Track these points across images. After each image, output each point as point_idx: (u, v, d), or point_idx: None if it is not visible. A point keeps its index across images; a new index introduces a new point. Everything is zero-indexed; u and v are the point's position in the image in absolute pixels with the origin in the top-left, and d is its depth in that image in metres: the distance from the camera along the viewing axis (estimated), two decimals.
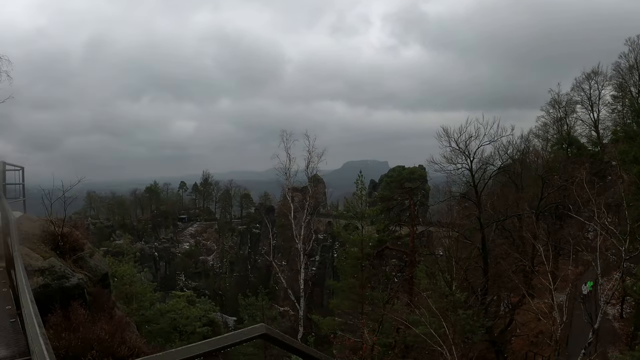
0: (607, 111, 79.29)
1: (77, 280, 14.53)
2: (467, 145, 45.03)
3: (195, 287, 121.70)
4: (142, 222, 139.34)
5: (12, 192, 22.15)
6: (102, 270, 18.19)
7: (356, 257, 43.45)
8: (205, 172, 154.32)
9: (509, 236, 50.89)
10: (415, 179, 49.79)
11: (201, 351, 3.62)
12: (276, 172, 48.56)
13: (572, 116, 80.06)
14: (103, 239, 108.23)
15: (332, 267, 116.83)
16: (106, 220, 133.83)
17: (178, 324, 32.82)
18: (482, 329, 36.36)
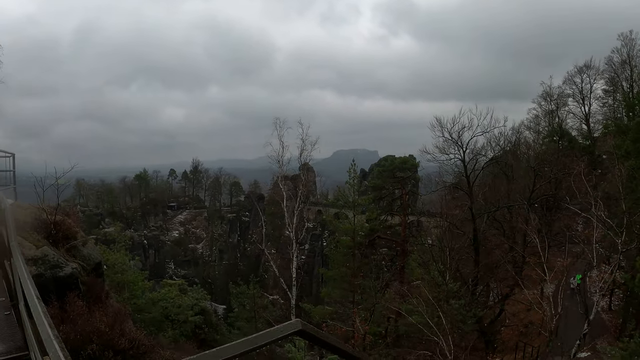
0: (598, 105, 79.85)
1: (70, 270, 14.19)
2: (460, 136, 45.01)
3: (185, 275, 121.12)
4: (132, 210, 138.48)
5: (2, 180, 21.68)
6: (95, 259, 17.85)
7: (348, 245, 43.30)
8: (195, 160, 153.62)
9: (500, 227, 50.93)
10: (407, 169, 49.59)
11: (240, 351, 3.37)
12: (269, 160, 47.96)
13: (564, 109, 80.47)
14: (92, 227, 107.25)
15: (322, 255, 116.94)
16: (95, 208, 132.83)
17: (170, 313, 32.48)
18: (473, 318, 36.36)
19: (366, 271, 44.67)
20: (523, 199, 48.19)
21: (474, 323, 36.58)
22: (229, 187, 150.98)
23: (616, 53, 74.57)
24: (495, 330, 44.47)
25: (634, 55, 73.28)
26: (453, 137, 45.05)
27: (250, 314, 43.41)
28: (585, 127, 79.28)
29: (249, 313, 43.67)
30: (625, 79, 75.46)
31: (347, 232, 44.02)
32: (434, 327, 27.10)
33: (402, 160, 55.81)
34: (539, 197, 48.04)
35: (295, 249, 46.01)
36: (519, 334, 45.07)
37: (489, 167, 51.95)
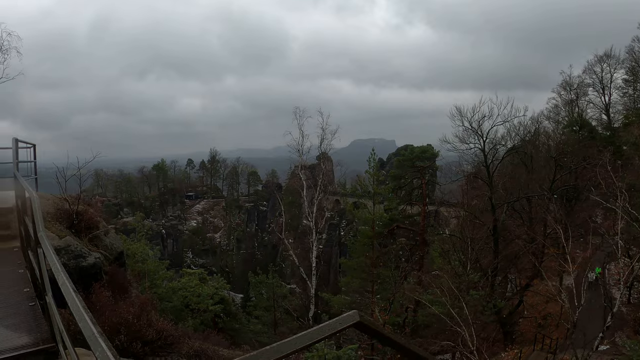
0: (619, 95, 78.43)
1: (94, 260, 14.12)
2: (480, 125, 44.53)
3: (203, 264, 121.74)
4: (150, 200, 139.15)
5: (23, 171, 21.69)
6: (117, 249, 17.80)
7: (367, 235, 43.06)
8: (213, 150, 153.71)
9: (519, 217, 50.42)
10: (426, 158, 49.16)
11: (300, 345, 3.18)
12: (289, 149, 47.80)
13: (584, 99, 79.27)
14: (111, 217, 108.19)
15: (340, 244, 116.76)
16: (114, 198, 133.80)
17: (190, 302, 32.50)
18: (493, 309, 36.08)
19: (385, 261, 44.45)
20: (543, 190, 47.62)
21: (492, 314, 36.33)
22: (246, 177, 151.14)
23: (637, 42, 73.36)
24: (514, 321, 44.11)
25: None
26: (473, 127, 44.62)
27: (269, 303, 43.44)
28: (605, 118, 78.19)
29: (268, 302, 43.70)
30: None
31: (366, 221, 43.78)
32: (456, 317, 26.80)
33: (421, 150, 55.24)
34: (560, 187, 47.36)
35: (315, 238, 45.88)
36: (537, 325, 44.74)
37: (509, 156, 51.33)
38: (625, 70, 76.40)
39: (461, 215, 52.38)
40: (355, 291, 46.01)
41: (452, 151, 46.35)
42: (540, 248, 46.15)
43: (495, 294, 40.27)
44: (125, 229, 71.29)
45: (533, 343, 38.22)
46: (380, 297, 40.91)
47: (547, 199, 46.33)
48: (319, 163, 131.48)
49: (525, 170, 55.73)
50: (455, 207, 50.34)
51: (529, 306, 46.24)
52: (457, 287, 32.12)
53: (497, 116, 43.96)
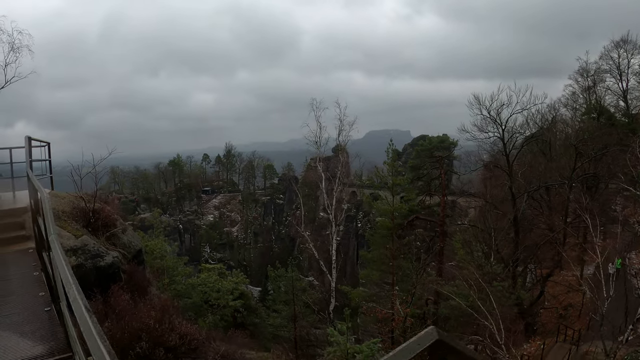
0: (636, 81, 76.98)
1: (111, 259, 13.70)
2: (499, 114, 43.84)
3: (220, 258, 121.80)
4: (166, 196, 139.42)
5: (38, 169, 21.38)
6: (136, 247, 17.38)
7: (387, 227, 42.44)
8: (228, 144, 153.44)
9: (539, 207, 49.64)
10: (444, 148, 48.45)
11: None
12: (306, 141, 47.22)
13: (601, 85, 77.82)
14: (128, 213, 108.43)
15: (357, 236, 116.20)
16: (130, 195, 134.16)
17: (209, 298, 32.14)
18: (516, 300, 35.50)
19: (405, 252, 43.90)
20: (563, 178, 46.82)
21: (514, 305, 35.73)
22: (262, 170, 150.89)
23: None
24: (535, 312, 43.45)
25: None
26: (492, 115, 43.97)
27: (289, 296, 42.94)
28: (623, 104, 76.76)
29: (287, 296, 43.21)
30: None
31: (385, 213, 43.14)
32: (483, 310, 26.25)
33: (439, 140, 54.48)
34: (581, 175, 46.46)
35: (335, 231, 45.31)
36: (559, 316, 44.03)
37: (528, 145, 50.52)
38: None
39: (480, 205, 51.72)
40: (375, 283, 45.52)
41: (471, 140, 45.83)
42: (561, 238, 45.43)
43: (517, 285, 39.63)
44: (143, 225, 71.24)
45: (555, 334, 37.59)
46: (399, 289, 40.35)
47: (567, 187, 45.50)
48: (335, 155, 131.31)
49: (544, 158, 54.85)
50: (474, 197, 49.62)
51: (549, 296, 45.56)
52: (480, 279, 31.52)
53: (516, 104, 43.32)
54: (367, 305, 37.49)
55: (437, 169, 47.73)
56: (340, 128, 46.04)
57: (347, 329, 26.51)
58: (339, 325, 29.38)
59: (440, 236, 44.90)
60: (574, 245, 49.10)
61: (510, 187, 44.02)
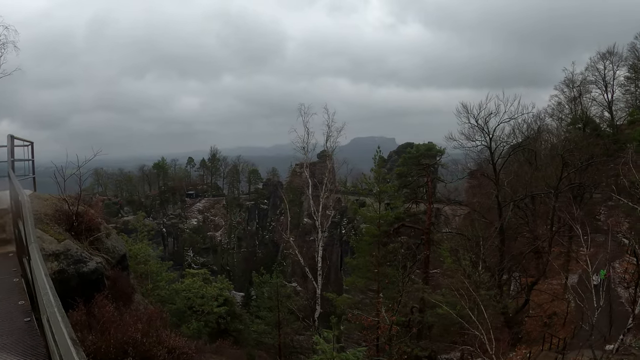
0: (620, 92, 78.17)
1: (95, 265, 13.11)
2: (487, 122, 43.74)
3: (204, 262, 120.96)
4: (150, 199, 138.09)
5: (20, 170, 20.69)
6: (120, 252, 16.78)
7: (373, 234, 42.01)
8: (213, 148, 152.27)
9: (524, 215, 49.67)
10: (431, 156, 48.17)
11: None
12: (293, 146, 46.68)
13: (587, 96, 78.72)
14: (111, 216, 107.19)
15: (341, 243, 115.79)
16: (114, 197, 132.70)
17: (193, 304, 31.49)
18: (503, 309, 35.31)
19: (391, 260, 43.54)
20: (549, 187, 46.85)
21: (500, 314, 35.55)
22: (247, 175, 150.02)
23: (639, 39, 73.25)
24: (520, 320, 43.33)
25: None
26: (479, 124, 43.86)
27: (273, 303, 42.38)
28: (608, 115, 77.66)
29: (272, 302, 42.64)
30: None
31: (371, 220, 42.71)
32: (474, 319, 25.96)
33: (427, 147, 54.18)
34: (567, 185, 46.52)
35: (321, 237, 44.76)
36: (543, 324, 43.99)
37: (514, 154, 50.54)
38: (627, 68, 76.21)
39: (466, 213, 51.61)
40: (360, 290, 45.11)
41: (458, 148, 45.67)
42: (547, 246, 45.43)
43: (502, 294, 39.48)
44: (126, 228, 70.23)
45: (540, 343, 37.49)
46: (384, 296, 39.97)
47: (553, 196, 45.51)
48: (321, 161, 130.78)
49: (530, 167, 54.93)
50: (461, 205, 49.48)
51: (534, 305, 45.54)
52: (466, 287, 31.29)
53: (504, 113, 43.24)
54: (353, 313, 37.05)
55: (424, 177, 47.49)
56: (328, 134, 45.59)
57: (334, 337, 26.08)
58: (325, 333, 28.94)
59: (425, 244, 44.63)
60: (559, 254, 49.20)
61: (497, 196, 43.93)
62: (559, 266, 51.78)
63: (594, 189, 51.04)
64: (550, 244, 45.58)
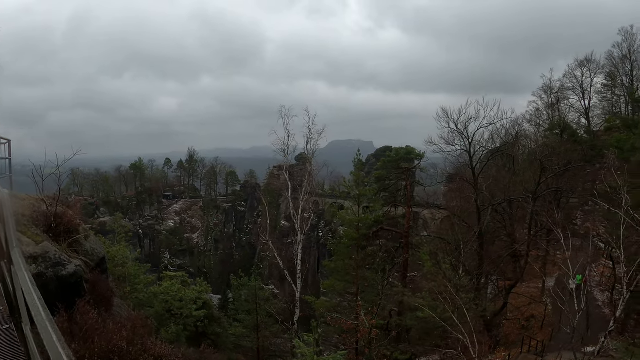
0: (597, 99, 79.58)
1: (74, 268, 12.66)
2: (466, 127, 43.86)
3: (180, 265, 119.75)
4: (127, 200, 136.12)
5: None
6: (99, 254, 16.31)
7: (352, 237, 41.79)
8: (191, 149, 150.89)
9: (501, 219, 49.93)
10: (410, 160, 48.10)
11: None
12: (273, 148, 46.21)
13: (564, 102, 79.89)
14: (87, 217, 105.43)
15: (318, 245, 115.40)
16: (90, 197, 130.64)
17: (172, 307, 30.91)
18: (482, 312, 35.34)
19: (370, 263, 43.40)
20: (528, 192, 47.13)
21: (479, 317, 35.58)
22: (224, 177, 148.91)
23: (617, 48, 74.76)
24: (498, 323, 43.50)
25: (634, 50, 73.10)
26: (459, 128, 43.94)
27: (252, 306, 41.93)
28: (584, 121, 78.82)
29: (250, 305, 42.18)
30: (625, 74, 75.28)
31: (350, 223, 42.48)
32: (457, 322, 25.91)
33: (406, 151, 54.18)
34: (545, 190, 46.82)
35: (300, 240, 44.35)
36: (521, 327, 44.22)
37: (494, 159, 50.76)
38: (604, 75, 77.41)
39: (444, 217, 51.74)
40: (338, 294, 44.86)
41: (438, 152, 45.74)
42: (525, 250, 45.70)
43: (481, 297, 39.55)
44: (103, 230, 69.23)
45: (519, 345, 37.68)
46: (363, 299, 39.77)
47: (532, 201, 45.76)
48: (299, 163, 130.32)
49: (508, 172, 55.29)
50: (440, 209, 49.54)
51: (512, 308, 45.71)
52: (447, 291, 31.26)
53: (484, 118, 43.42)
54: (332, 316, 36.77)
55: (403, 180, 47.43)
56: (308, 137, 45.17)
57: (314, 341, 25.85)
58: (305, 336, 28.67)
59: (404, 247, 44.56)
60: (536, 257, 49.56)
61: (476, 200, 44.01)
62: (536, 270, 52.25)
63: (571, 193, 51.51)
64: (529, 247, 45.85)
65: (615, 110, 78.14)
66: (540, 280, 51.21)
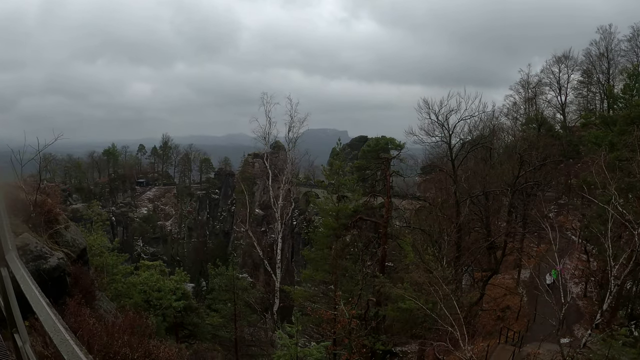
0: (573, 95, 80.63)
1: (56, 261, 11.71)
2: (447, 119, 43.65)
3: (153, 252, 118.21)
4: (100, 186, 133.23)
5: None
6: (80, 245, 15.30)
7: (331, 227, 41.14)
8: (165, 136, 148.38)
9: (477, 211, 49.98)
10: (392, 149, 47.58)
11: None
12: (254, 135, 45.21)
13: (541, 97, 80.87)
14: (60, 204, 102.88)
15: (292, 234, 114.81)
16: (62, 184, 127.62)
17: (151, 298, 29.91)
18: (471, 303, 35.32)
19: (349, 253, 42.93)
20: (506, 185, 47.20)
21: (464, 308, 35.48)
22: (198, 164, 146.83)
23: (594, 46, 75.65)
24: (474, 314, 43.54)
25: (612, 49, 73.82)
26: (440, 120, 43.71)
27: (229, 295, 41.06)
28: (560, 116, 79.83)
29: (228, 295, 41.29)
30: (602, 72, 76.17)
31: (329, 212, 41.82)
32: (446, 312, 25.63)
33: (386, 141, 53.60)
34: (523, 183, 46.91)
35: (281, 230, 43.50)
36: (497, 318, 44.33)
37: (473, 151, 50.71)
38: (581, 72, 78.40)
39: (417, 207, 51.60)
40: (314, 283, 44.35)
41: (418, 143, 45.50)
42: (502, 242, 45.84)
43: (458, 288, 39.41)
44: (75, 217, 67.39)
45: (496, 336, 37.71)
46: (340, 288, 39.29)
47: (510, 193, 45.82)
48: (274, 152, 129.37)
49: (485, 165, 55.42)
50: (419, 200, 49.26)
51: (488, 299, 45.84)
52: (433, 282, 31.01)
53: (465, 110, 43.29)
54: (312, 307, 36.21)
55: (383, 170, 46.94)
56: (290, 124, 44.27)
57: (297, 332, 25.25)
58: (288, 327, 28.03)
59: (382, 237, 44.10)
60: (511, 249, 49.79)
61: (455, 192, 43.86)
62: (511, 261, 52.50)
63: (548, 187, 51.85)
64: (506, 239, 45.96)
65: (590, 107, 79.43)
66: (515, 272, 51.60)
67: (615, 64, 75.03)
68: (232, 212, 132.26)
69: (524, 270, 50.14)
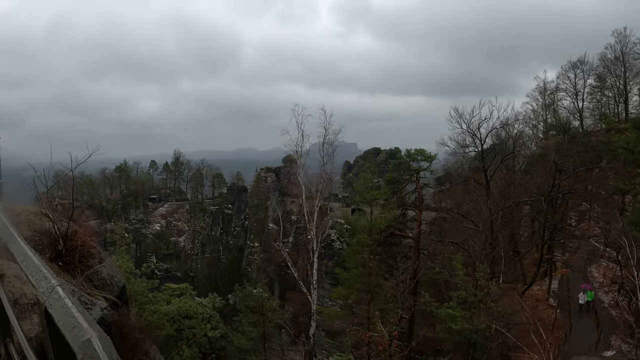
0: (589, 100, 78.81)
1: (100, 312, 8.80)
2: (479, 128, 41.47)
3: (167, 269, 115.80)
4: (112, 203, 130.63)
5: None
6: (119, 283, 12.25)
7: (365, 244, 38.30)
8: (177, 151, 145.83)
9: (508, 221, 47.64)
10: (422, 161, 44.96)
11: None
12: (285, 149, 42.38)
13: (558, 104, 79.42)
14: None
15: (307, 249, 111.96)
16: (75, 201, 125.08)
17: (182, 326, 26.86)
18: None
19: (384, 271, 40.19)
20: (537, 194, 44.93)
21: None
22: (210, 179, 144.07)
23: (609, 49, 73.97)
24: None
25: (627, 52, 71.88)
26: (471, 129, 41.54)
27: (257, 317, 38.00)
28: (575, 122, 77.97)
29: (256, 317, 38.22)
30: (616, 76, 74.15)
31: (363, 229, 39.02)
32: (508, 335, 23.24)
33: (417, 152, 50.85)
34: (561, 191, 44.37)
35: (317, 249, 40.28)
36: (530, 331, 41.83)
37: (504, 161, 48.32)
38: (594, 77, 76.74)
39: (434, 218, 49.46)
40: (348, 302, 41.62)
41: (452, 155, 43.44)
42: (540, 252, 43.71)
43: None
44: None
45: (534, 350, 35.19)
46: (374, 307, 36.54)
47: (544, 203, 43.23)
48: (284, 165, 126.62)
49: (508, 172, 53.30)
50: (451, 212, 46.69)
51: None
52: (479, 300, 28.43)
53: (497, 119, 41.29)
54: (351, 328, 33.39)
55: (414, 183, 44.29)
56: (324, 136, 41.37)
57: None
58: (337, 357, 25.40)
59: (415, 252, 41.26)
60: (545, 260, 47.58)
61: (489, 202, 41.42)
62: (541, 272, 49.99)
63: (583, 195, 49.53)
64: (542, 250, 43.63)
65: (604, 111, 77.42)
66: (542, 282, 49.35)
67: (631, 67, 73.30)
68: (245, 227, 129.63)
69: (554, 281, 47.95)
